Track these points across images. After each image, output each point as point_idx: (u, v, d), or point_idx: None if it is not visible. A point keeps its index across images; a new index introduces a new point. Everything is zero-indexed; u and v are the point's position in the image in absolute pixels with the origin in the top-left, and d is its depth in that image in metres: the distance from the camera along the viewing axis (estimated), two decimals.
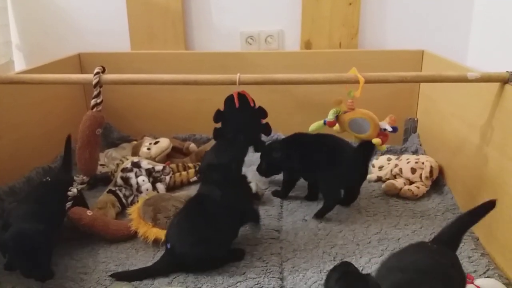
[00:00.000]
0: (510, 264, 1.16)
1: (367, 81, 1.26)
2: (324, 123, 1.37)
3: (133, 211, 1.37)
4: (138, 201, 1.44)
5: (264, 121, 1.43)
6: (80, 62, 2.06)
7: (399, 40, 2.04)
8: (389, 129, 1.32)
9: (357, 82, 1.25)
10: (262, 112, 1.41)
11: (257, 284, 1.14)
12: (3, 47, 1.98)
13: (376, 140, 1.33)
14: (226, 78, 1.29)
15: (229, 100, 1.37)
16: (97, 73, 1.30)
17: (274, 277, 1.16)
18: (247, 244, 1.31)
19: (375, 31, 2.04)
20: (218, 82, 1.30)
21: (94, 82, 1.29)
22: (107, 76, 1.31)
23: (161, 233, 1.30)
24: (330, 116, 1.35)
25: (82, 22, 2.11)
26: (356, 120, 1.34)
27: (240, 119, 1.37)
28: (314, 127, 1.38)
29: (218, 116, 1.40)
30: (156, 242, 1.31)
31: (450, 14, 2.00)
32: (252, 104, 1.37)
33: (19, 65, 2.13)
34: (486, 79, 1.26)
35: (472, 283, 1.01)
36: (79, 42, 2.11)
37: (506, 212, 1.19)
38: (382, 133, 1.33)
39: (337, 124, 1.37)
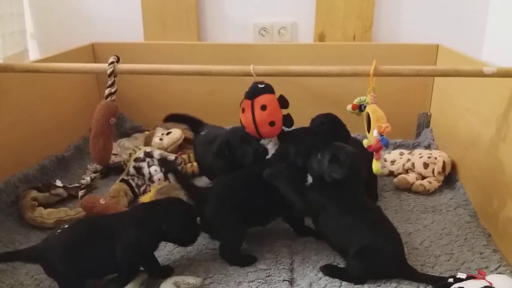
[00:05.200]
0: None
1: (382, 74, 1.25)
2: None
3: (146, 199, 1.38)
4: (150, 190, 1.45)
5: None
6: (93, 51, 2.07)
7: (413, 33, 2.02)
8: (375, 134, 1.17)
9: (373, 75, 1.23)
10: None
11: (268, 275, 1.14)
12: (18, 36, 1.99)
13: (366, 141, 1.22)
14: (241, 69, 1.28)
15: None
16: (112, 62, 1.30)
17: (284, 268, 1.17)
18: (258, 236, 1.32)
19: (390, 24, 2.02)
20: (232, 73, 1.30)
21: (108, 72, 1.29)
22: (122, 66, 1.31)
23: None
24: (355, 101, 1.32)
25: (96, 12, 2.12)
26: (368, 115, 1.26)
27: None
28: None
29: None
30: None
31: (466, 8, 1.97)
32: None
33: (33, 54, 2.15)
34: (503, 74, 1.24)
35: (484, 279, 1.01)
36: (93, 32, 2.12)
37: None
38: (378, 140, 1.18)
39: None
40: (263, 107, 1.25)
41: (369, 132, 1.23)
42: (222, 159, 1.33)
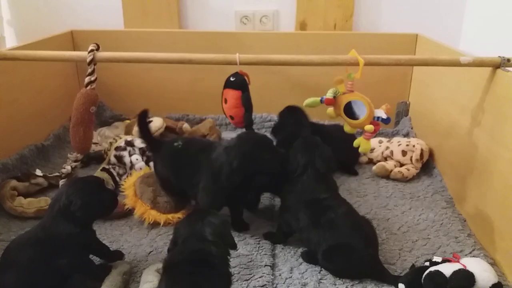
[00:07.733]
0: (495, 245, 1.19)
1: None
2: (321, 101, 1.27)
3: (128, 187, 1.37)
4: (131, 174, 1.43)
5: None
6: (72, 39, 2.03)
7: (393, 23, 2.04)
8: (384, 116, 1.23)
9: (353, 64, 1.24)
10: None
11: (250, 261, 1.16)
12: None
13: (369, 127, 1.23)
14: (226, 58, 1.28)
15: None
16: (92, 50, 1.28)
17: (266, 254, 1.19)
18: None
19: (370, 13, 2.04)
20: (216, 61, 1.29)
21: (88, 60, 1.28)
22: (102, 54, 1.30)
23: (160, 217, 1.31)
24: (329, 94, 1.25)
25: None
26: (356, 102, 1.25)
27: None
28: (309, 102, 1.28)
29: None
30: (153, 224, 1.32)
31: None
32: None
33: (10, 41, 2.10)
34: (479, 63, 1.27)
35: (458, 262, 1.04)
36: (72, 19, 2.08)
37: (493, 195, 1.22)
38: (375, 122, 1.23)
39: (332, 108, 1.29)
40: (225, 101, 1.35)
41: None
42: (241, 173, 1.19)
